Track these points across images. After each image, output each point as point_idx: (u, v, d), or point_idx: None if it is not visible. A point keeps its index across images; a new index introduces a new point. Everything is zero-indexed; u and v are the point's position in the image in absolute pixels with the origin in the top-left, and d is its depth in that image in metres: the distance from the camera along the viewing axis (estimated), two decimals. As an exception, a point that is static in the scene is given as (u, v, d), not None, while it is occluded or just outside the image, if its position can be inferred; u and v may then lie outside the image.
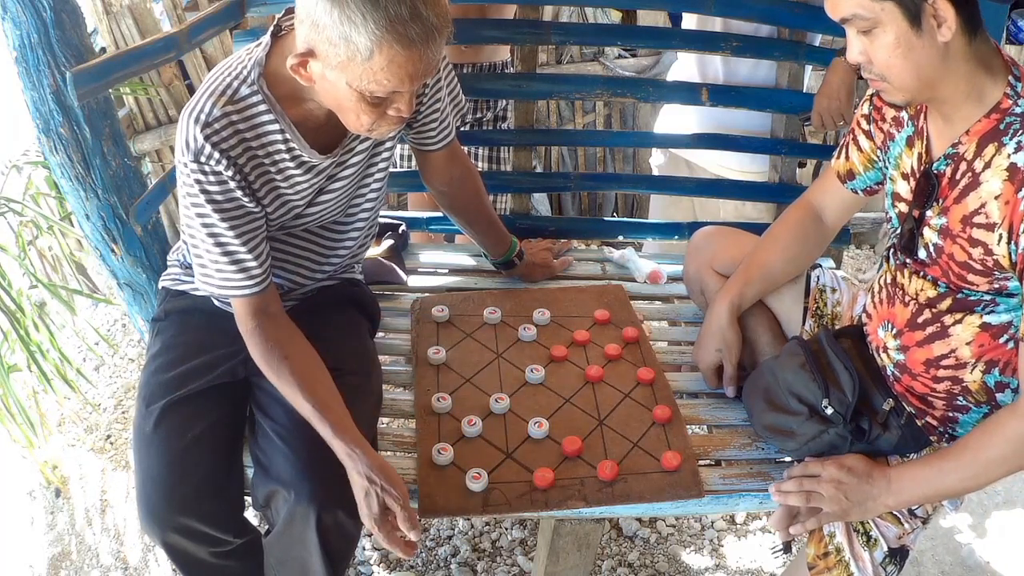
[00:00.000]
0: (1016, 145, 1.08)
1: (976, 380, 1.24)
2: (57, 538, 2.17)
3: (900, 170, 1.28)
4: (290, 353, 1.28)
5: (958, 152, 1.15)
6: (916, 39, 1.06)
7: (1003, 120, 1.10)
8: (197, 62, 2.72)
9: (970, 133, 1.13)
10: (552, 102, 3.36)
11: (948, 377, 1.26)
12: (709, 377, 1.55)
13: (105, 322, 2.97)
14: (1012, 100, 1.10)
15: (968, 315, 1.20)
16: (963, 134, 1.14)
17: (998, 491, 2.35)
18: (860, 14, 1.07)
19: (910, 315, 1.27)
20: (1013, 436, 1.12)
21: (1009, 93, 1.10)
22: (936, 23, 1.05)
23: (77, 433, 2.49)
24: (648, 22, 3.18)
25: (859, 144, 1.38)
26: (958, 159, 1.15)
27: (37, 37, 1.32)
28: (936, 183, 1.18)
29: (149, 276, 1.59)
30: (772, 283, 1.51)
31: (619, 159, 3.59)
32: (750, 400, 1.44)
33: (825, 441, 1.29)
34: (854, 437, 1.27)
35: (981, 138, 1.12)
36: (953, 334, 1.22)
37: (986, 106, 1.12)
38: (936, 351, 1.25)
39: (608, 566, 2.08)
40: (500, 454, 1.40)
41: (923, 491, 1.21)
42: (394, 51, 1.06)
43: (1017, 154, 1.08)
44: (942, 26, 1.05)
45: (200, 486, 1.28)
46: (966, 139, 1.14)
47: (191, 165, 1.19)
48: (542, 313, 1.72)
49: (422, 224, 2.08)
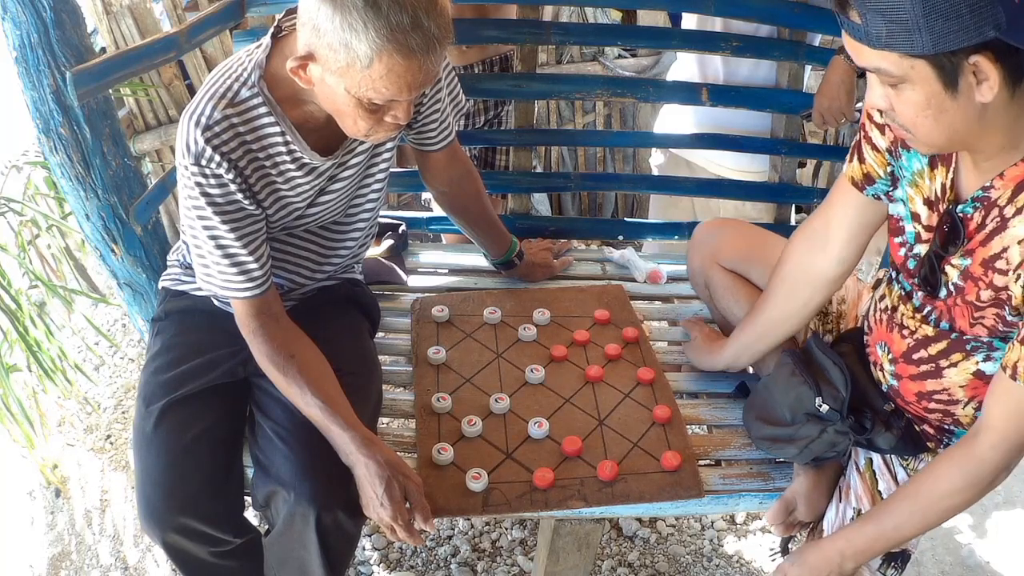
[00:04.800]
0: None
1: (968, 414, 1.21)
2: (57, 538, 2.17)
3: (920, 190, 1.15)
4: (295, 352, 1.29)
5: (989, 197, 1.04)
6: (950, 101, 0.94)
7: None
8: (197, 62, 2.72)
9: (1005, 177, 1.02)
10: (552, 102, 3.36)
11: (940, 409, 1.23)
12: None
13: (105, 322, 2.97)
14: None
15: (964, 360, 1.16)
16: (996, 176, 1.02)
17: (998, 491, 2.34)
18: (886, 69, 0.94)
19: (906, 348, 1.22)
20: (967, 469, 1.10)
21: None
22: (976, 80, 0.91)
23: (77, 433, 2.49)
24: (648, 22, 3.18)
25: (873, 143, 1.20)
26: (989, 204, 1.04)
27: (37, 37, 1.32)
28: (963, 227, 1.08)
29: (149, 276, 1.59)
30: (772, 341, 1.46)
31: (619, 159, 3.59)
32: (748, 419, 1.44)
33: (826, 441, 1.28)
34: (854, 432, 1.25)
35: (1018, 185, 1.00)
36: (947, 375, 1.18)
37: (1023, 151, 1.00)
38: (929, 387, 1.21)
39: (608, 566, 2.08)
40: (500, 454, 1.40)
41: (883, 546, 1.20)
42: (394, 60, 1.06)
43: None
44: (982, 84, 0.91)
45: (200, 486, 1.28)
46: (1000, 183, 1.02)
47: (192, 168, 1.19)
48: (542, 313, 1.72)
49: (422, 224, 2.08)
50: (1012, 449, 1.08)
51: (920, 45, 0.89)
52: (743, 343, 1.49)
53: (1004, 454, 1.08)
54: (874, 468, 1.32)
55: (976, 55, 0.89)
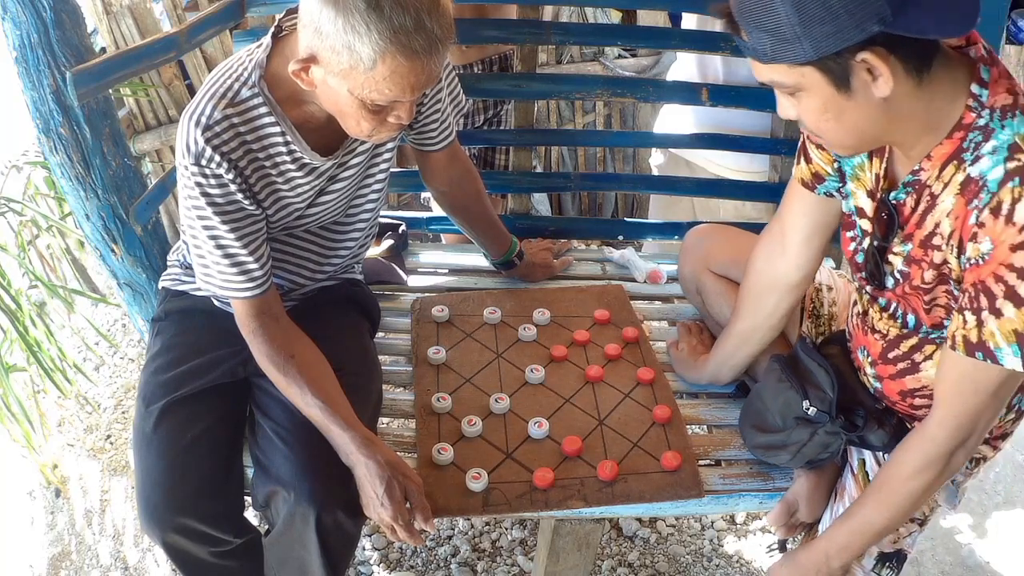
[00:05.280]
0: (974, 158, 0.97)
1: None
2: (57, 538, 2.17)
3: (861, 183, 1.16)
4: (296, 352, 1.29)
5: (920, 180, 1.05)
6: (846, 101, 0.94)
7: (966, 137, 0.98)
8: (197, 62, 2.72)
9: (932, 157, 1.02)
10: (552, 102, 3.36)
11: (926, 404, 1.22)
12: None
13: (105, 322, 2.97)
14: (975, 112, 0.97)
15: (937, 351, 1.15)
16: (924, 159, 1.03)
17: (998, 491, 2.35)
18: (779, 81, 0.96)
19: (881, 349, 1.22)
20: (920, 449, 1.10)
21: (972, 105, 0.97)
22: (871, 77, 0.91)
23: (77, 433, 2.49)
24: (648, 22, 3.18)
25: (816, 141, 1.19)
26: (920, 187, 1.05)
27: (37, 37, 1.32)
28: (896, 213, 1.09)
29: (149, 276, 1.59)
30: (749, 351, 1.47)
31: (619, 159, 3.59)
32: (743, 427, 1.44)
33: (817, 443, 1.28)
34: (845, 430, 1.25)
35: (944, 162, 1.01)
36: (924, 369, 1.18)
37: (946, 129, 0.99)
38: (909, 384, 1.21)
39: (608, 566, 2.08)
40: (500, 454, 1.40)
41: (862, 541, 1.20)
42: (397, 62, 1.06)
43: (973, 166, 0.97)
44: (878, 79, 0.91)
45: (200, 486, 1.28)
46: (928, 165, 1.02)
47: (192, 168, 1.19)
48: (542, 313, 1.72)
49: (422, 224, 2.08)
50: (959, 423, 1.07)
51: (803, 53, 0.90)
52: (721, 357, 1.51)
53: (952, 430, 1.07)
54: (867, 469, 1.32)
55: (863, 52, 0.90)
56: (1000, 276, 0.95)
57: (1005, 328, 0.96)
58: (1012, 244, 0.94)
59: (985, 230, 0.96)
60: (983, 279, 0.97)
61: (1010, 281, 0.95)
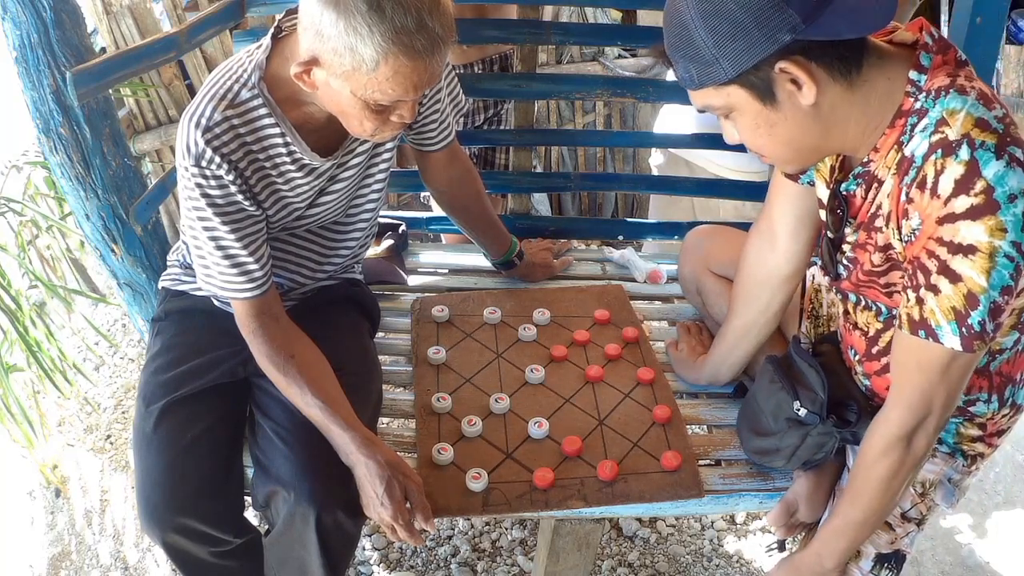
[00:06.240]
0: (909, 138, 0.97)
1: None
2: (57, 538, 2.17)
3: (821, 174, 1.17)
4: (296, 352, 1.29)
5: (869, 170, 1.06)
6: (775, 114, 0.96)
7: (907, 123, 0.98)
8: (197, 62, 2.72)
9: (879, 149, 1.03)
10: (552, 102, 3.36)
11: None
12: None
13: (105, 322, 2.97)
14: (913, 97, 0.97)
15: None
16: (872, 151, 1.04)
17: (998, 491, 2.35)
18: (711, 104, 0.98)
19: (865, 346, 1.22)
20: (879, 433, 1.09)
21: (910, 91, 0.97)
22: (795, 87, 0.93)
23: (77, 433, 2.49)
24: (648, 22, 3.18)
25: None
26: (870, 177, 1.06)
27: (37, 37, 1.32)
28: (845, 204, 1.10)
29: (149, 276, 1.59)
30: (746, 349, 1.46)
31: (619, 159, 3.59)
32: (740, 431, 1.44)
33: (811, 444, 1.27)
34: (838, 428, 1.24)
35: (888, 149, 1.02)
36: None
37: (887, 120, 1.00)
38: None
39: (608, 566, 2.08)
40: (500, 454, 1.40)
41: (847, 539, 1.19)
42: (399, 62, 1.06)
43: (907, 146, 0.98)
44: (802, 88, 0.92)
45: (200, 486, 1.28)
46: (876, 156, 1.04)
47: (192, 169, 1.19)
48: (542, 313, 1.72)
49: (422, 224, 2.08)
50: (910, 403, 1.05)
51: (723, 73, 0.93)
52: (719, 356, 1.51)
53: (904, 410, 1.06)
54: None
55: (781, 62, 0.91)
56: (932, 251, 0.95)
57: (944, 305, 0.96)
58: (938, 217, 0.93)
59: (914, 205, 0.96)
60: (917, 255, 0.97)
61: (942, 256, 0.94)
